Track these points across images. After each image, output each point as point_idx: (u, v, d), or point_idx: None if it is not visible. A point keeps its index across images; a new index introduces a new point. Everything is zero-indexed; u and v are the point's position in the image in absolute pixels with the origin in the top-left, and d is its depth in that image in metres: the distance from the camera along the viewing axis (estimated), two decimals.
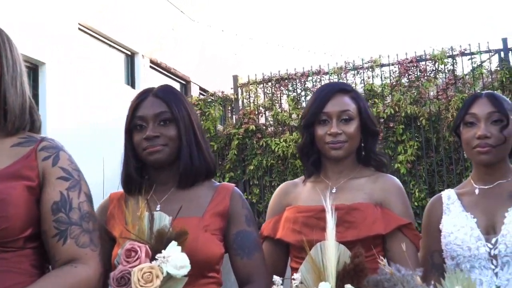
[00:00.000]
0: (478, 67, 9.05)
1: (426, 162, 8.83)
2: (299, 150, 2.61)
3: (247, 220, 2.33)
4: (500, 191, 2.41)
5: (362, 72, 9.50)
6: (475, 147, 2.36)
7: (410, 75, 9.25)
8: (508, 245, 2.24)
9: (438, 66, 9.20)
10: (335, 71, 9.53)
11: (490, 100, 2.41)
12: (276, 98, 9.95)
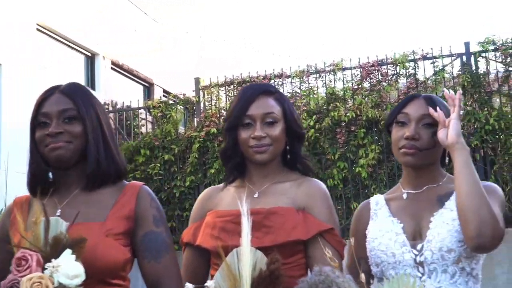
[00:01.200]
0: (440, 71, 9.04)
1: (387, 166, 8.80)
2: (222, 154, 2.51)
3: (155, 220, 2.22)
4: (428, 195, 2.33)
5: (324, 76, 9.44)
6: (402, 147, 2.29)
7: (371, 78, 9.22)
8: (434, 252, 2.16)
9: (399, 70, 9.18)
10: (297, 74, 9.47)
11: (426, 102, 2.34)
12: None
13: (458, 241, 2.14)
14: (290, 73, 9.54)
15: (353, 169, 8.83)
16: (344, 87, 9.32)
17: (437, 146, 2.29)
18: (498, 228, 2.03)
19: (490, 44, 8.92)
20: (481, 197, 2.07)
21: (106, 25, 10.96)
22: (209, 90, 9.93)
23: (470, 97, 8.66)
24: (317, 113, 9.13)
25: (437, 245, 2.16)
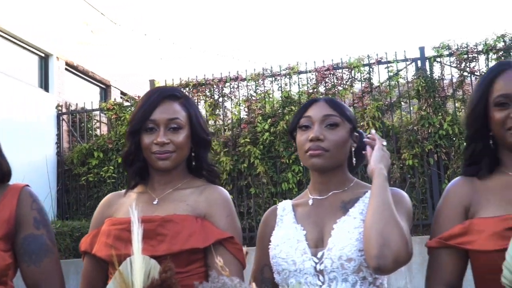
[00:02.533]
0: (394, 75, 9.07)
1: None
2: (124, 159, 2.42)
3: (36, 222, 2.14)
4: (333, 201, 2.27)
5: (279, 79, 9.41)
6: (307, 150, 2.23)
7: (327, 82, 9.22)
8: (334, 260, 2.09)
9: (354, 74, 9.18)
10: (252, 77, 9.42)
11: (328, 103, 2.30)
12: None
13: (358, 250, 2.07)
14: (246, 76, 9.49)
15: (308, 172, 8.77)
16: (300, 90, 9.31)
17: (343, 147, 2.25)
18: (401, 252, 1.97)
19: (445, 49, 8.98)
20: (388, 220, 2.01)
21: (61, 26, 10.78)
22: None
23: (425, 102, 8.70)
24: (272, 117, 9.09)
25: (337, 254, 2.08)
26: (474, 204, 2.10)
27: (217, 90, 9.69)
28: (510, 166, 2.13)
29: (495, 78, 2.12)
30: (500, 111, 2.06)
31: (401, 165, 8.56)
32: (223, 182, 8.99)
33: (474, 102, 2.16)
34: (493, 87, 2.11)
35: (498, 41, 8.81)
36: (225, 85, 9.61)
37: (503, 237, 1.88)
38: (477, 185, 2.15)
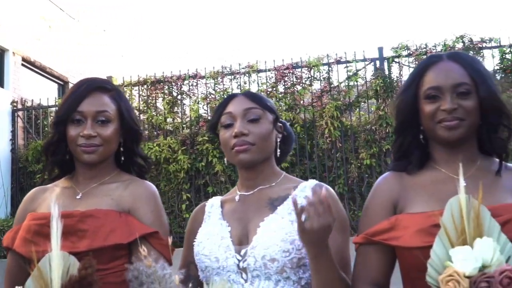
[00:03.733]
0: (353, 75, 9.08)
1: (300, 169, 8.78)
2: (45, 149, 2.34)
3: None
4: (260, 197, 2.22)
5: (239, 77, 9.35)
6: (233, 147, 2.18)
7: (286, 81, 9.18)
8: (257, 258, 2.03)
9: (313, 73, 9.17)
10: (211, 75, 9.34)
11: (247, 97, 2.25)
12: (152, 101, 9.64)
13: (282, 251, 2.02)
14: (205, 74, 9.41)
15: None
16: (259, 89, 9.25)
17: (269, 139, 2.21)
18: None
19: (403, 49, 9.03)
20: None
21: (17, 20, 10.56)
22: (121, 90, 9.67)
23: (383, 102, 8.73)
24: None
25: (261, 253, 2.03)
26: (402, 200, 2.06)
27: (175, 87, 9.60)
28: (440, 161, 2.10)
29: (426, 70, 2.09)
30: (430, 104, 2.03)
31: (359, 164, 8.58)
32: (180, 180, 8.91)
33: (403, 93, 2.13)
34: (424, 79, 2.08)
35: (457, 42, 8.89)
36: (184, 82, 9.53)
37: (429, 234, 1.83)
38: (406, 180, 2.11)
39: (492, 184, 2.02)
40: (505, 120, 2.07)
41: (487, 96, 2.02)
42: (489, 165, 2.10)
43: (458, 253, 1.67)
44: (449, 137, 2.01)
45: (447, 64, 2.08)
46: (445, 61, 2.09)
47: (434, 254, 1.73)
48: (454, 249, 1.69)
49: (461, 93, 2.02)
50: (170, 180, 9.01)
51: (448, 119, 2.00)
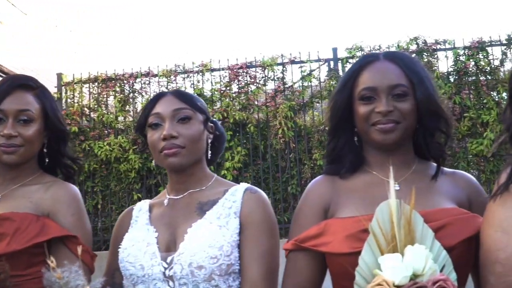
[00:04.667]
0: (307, 75, 9.03)
1: (253, 170, 8.69)
2: None
3: None
4: (189, 202, 2.13)
5: (192, 76, 9.21)
6: (162, 150, 2.08)
7: (240, 81, 9.08)
8: (184, 266, 1.93)
9: (268, 73, 9.09)
10: (164, 73, 9.18)
11: (177, 96, 2.15)
12: (103, 99, 9.44)
13: (210, 257, 1.93)
14: (158, 72, 9.25)
15: (219, 170, 8.65)
16: (212, 88, 9.14)
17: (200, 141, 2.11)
18: None
19: (357, 50, 9.02)
20: None
21: None
22: (71, 87, 9.46)
23: None
24: None
25: (187, 260, 1.93)
26: (333, 204, 1.99)
27: (127, 85, 9.41)
28: (374, 165, 2.02)
29: (361, 70, 2.01)
30: (365, 106, 1.95)
31: (312, 165, 8.53)
32: (131, 180, 8.75)
33: (338, 94, 2.05)
34: (359, 79, 2.00)
35: (411, 44, 8.91)
36: (136, 80, 9.34)
37: (357, 239, 1.76)
38: (338, 184, 2.03)
39: (428, 189, 1.96)
40: (443, 124, 2.00)
41: (423, 99, 1.94)
42: (425, 169, 2.03)
43: (387, 261, 1.59)
44: (383, 140, 1.94)
45: (384, 64, 2.00)
46: (381, 61, 2.01)
47: (363, 261, 1.65)
48: (383, 257, 1.61)
49: (397, 95, 1.94)
50: (121, 179, 8.83)
51: (383, 121, 1.92)
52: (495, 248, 1.70)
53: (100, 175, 8.93)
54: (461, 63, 8.61)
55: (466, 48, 8.62)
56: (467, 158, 8.30)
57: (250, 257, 1.99)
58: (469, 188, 2.01)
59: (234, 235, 2.02)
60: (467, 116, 8.28)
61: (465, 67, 8.57)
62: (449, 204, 1.90)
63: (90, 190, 8.92)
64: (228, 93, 8.97)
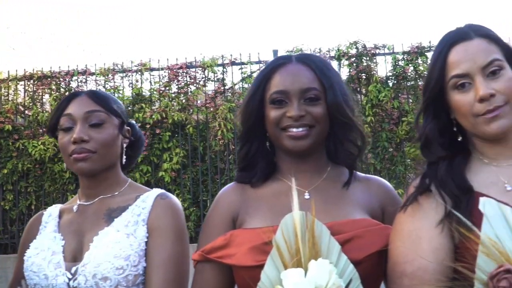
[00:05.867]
0: (247, 77, 8.97)
1: (191, 171, 8.59)
2: None
3: None
4: (99, 208, 2.04)
5: (130, 75, 9.04)
6: (71, 153, 1.98)
7: (179, 81, 8.96)
8: (88, 277, 1.84)
9: (208, 74, 9.00)
10: (101, 72, 8.98)
11: (91, 98, 2.06)
12: (38, 97, 9.18)
13: (116, 268, 1.84)
14: (95, 71, 9.04)
15: (156, 173, 8.52)
16: (151, 88, 9.00)
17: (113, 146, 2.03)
18: None
19: (297, 53, 8.97)
20: None
21: None
22: (6, 84, 9.17)
23: None
24: None
25: (92, 271, 1.84)
26: (242, 214, 1.91)
27: (63, 83, 9.17)
28: (285, 172, 1.95)
29: (273, 72, 1.94)
30: (276, 109, 1.88)
31: None
32: (66, 181, 8.54)
33: (249, 97, 1.97)
34: (270, 82, 1.93)
35: (351, 48, 8.95)
36: (72, 78, 9.11)
37: (262, 252, 1.68)
38: (248, 192, 1.96)
39: (339, 197, 1.90)
40: (353, 135, 1.94)
41: (333, 105, 1.89)
42: (338, 175, 1.98)
43: (289, 276, 1.53)
44: (294, 147, 1.87)
45: (296, 66, 1.93)
46: (293, 64, 1.94)
47: (265, 275, 1.59)
48: (285, 272, 1.55)
49: (310, 98, 1.88)
50: (55, 180, 8.60)
51: (294, 126, 1.86)
52: (403, 260, 1.67)
53: (34, 175, 8.68)
54: (400, 68, 8.69)
55: (405, 53, 8.71)
56: (405, 162, 8.38)
57: (154, 264, 1.91)
58: (382, 196, 1.97)
59: (142, 243, 1.94)
60: (405, 120, 8.36)
61: (404, 72, 8.65)
62: (360, 214, 1.86)
63: (24, 191, 8.67)
64: (167, 93, 8.84)
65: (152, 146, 8.57)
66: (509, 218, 1.54)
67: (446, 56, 1.74)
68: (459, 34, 1.77)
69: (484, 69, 1.69)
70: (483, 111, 1.67)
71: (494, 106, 1.66)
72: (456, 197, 1.65)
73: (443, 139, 1.78)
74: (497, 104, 1.67)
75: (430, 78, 1.77)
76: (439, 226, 1.65)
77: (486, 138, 1.74)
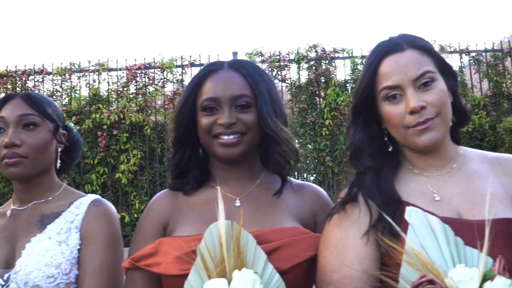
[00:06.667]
0: None
1: (149, 173, 8.52)
2: None
3: None
4: (32, 214, 2.00)
5: (88, 75, 8.94)
6: (3, 158, 1.94)
7: (138, 82, 8.88)
8: (20, 285, 1.80)
9: (166, 75, 8.94)
10: (58, 71, 8.86)
11: (25, 101, 2.02)
12: None
13: (47, 276, 1.81)
14: (52, 70, 8.92)
15: (113, 174, 8.44)
16: (109, 88, 8.90)
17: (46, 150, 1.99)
18: None
19: (257, 55, 9.00)
20: None
21: None
22: None
23: None
24: (77, 114, 8.63)
25: (23, 279, 1.80)
26: (172, 221, 1.88)
27: (20, 83, 9.02)
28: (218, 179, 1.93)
29: (204, 79, 1.91)
30: (207, 117, 1.86)
31: None
32: None
33: (181, 103, 1.94)
34: (202, 89, 1.90)
35: (310, 51, 8.98)
36: (29, 78, 8.97)
37: (187, 261, 1.66)
38: (180, 200, 1.93)
39: (270, 205, 1.88)
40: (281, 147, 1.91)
41: (261, 113, 1.87)
42: (271, 182, 1.95)
43: (212, 286, 1.51)
44: (226, 154, 1.85)
45: (227, 73, 1.90)
46: (225, 70, 1.92)
47: (188, 285, 1.56)
48: (208, 282, 1.53)
49: (241, 105, 1.86)
50: (9, 180, 8.45)
51: (225, 133, 1.84)
52: (330, 269, 1.66)
53: None
54: (358, 72, 8.75)
55: (364, 57, 8.76)
56: None
57: (86, 272, 1.88)
58: (315, 203, 1.95)
59: (75, 251, 1.90)
60: None
61: None
62: (290, 222, 1.84)
63: None
64: (125, 94, 8.76)
65: (109, 148, 8.48)
66: (434, 228, 1.55)
67: (377, 67, 1.73)
68: (391, 45, 1.76)
69: (415, 81, 1.68)
70: (413, 123, 1.67)
71: (425, 118, 1.67)
72: (382, 207, 1.65)
73: (372, 148, 1.77)
74: (428, 116, 1.67)
75: (360, 87, 1.77)
76: (365, 235, 1.65)
77: (417, 150, 1.74)
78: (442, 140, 1.74)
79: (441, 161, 1.77)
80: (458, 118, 1.81)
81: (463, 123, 1.85)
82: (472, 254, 1.51)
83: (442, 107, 1.69)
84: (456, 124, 1.82)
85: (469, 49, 9.20)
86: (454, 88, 1.77)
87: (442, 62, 1.77)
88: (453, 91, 1.77)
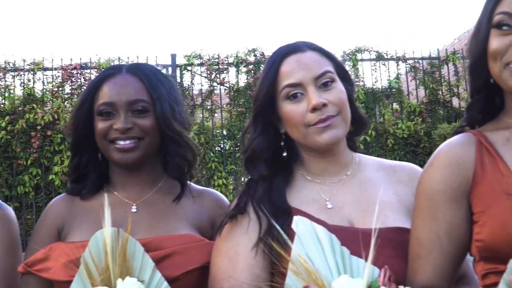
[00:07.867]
0: None
1: None
2: None
3: None
4: None
5: (22, 74, 8.74)
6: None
7: (73, 82, 8.74)
8: None
9: None
10: None
11: None
12: None
13: None
14: None
15: (46, 176, 8.27)
16: (44, 88, 8.73)
17: None
18: None
19: (196, 58, 8.98)
20: None
21: None
22: None
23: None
24: (11, 114, 8.42)
25: None
26: (67, 226, 1.86)
27: None
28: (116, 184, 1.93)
29: (102, 83, 1.89)
30: (103, 121, 1.84)
31: None
32: None
33: (78, 108, 1.92)
34: (98, 93, 1.88)
35: (249, 55, 9.00)
36: None
37: (76, 267, 1.62)
38: (76, 204, 1.91)
39: (168, 211, 1.88)
40: (182, 149, 1.91)
41: (159, 118, 1.86)
42: (171, 188, 1.95)
43: None
44: (122, 159, 1.84)
45: (125, 77, 1.89)
46: (123, 75, 1.90)
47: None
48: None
49: (138, 110, 1.85)
50: None
51: (121, 138, 1.82)
52: (221, 276, 1.65)
53: None
54: None
55: None
56: None
57: None
58: (213, 209, 1.94)
59: None
60: None
61: None
62: (186, 229, 1.83)
63: None
64: (60, 94, 8.61)
65: (43, 148, 8.32)
66: (320, 237, 1.54)
67: (278, 67, 1.74)
68: (291, 46, 1.78)
69: (316, 80, 1.70)
70: (315, 121, 1.68)
71: (326, 115, 1.68)
72: (272, 217, 1.65)
73: (268, 154, 1.78)
74: (329, 113, 1.68)
75: (261, 88, 1.77)
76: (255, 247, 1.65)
77: (317, 149, 1.75)
78: (342, 140, 1.76)
79: (336, 167, 1.78)
80: (355, 125, 1.83)
81: (359, 130, 1.87)
82: (358, 264, 1.51)
83: (342, 106, 1.71)
84: (352, 132, 1.84)
85: (405, 56, 9.38)
86: (351, 95, 1.80)
87: (341, 67, 1.80)
88: (350, 98, 1.79)
